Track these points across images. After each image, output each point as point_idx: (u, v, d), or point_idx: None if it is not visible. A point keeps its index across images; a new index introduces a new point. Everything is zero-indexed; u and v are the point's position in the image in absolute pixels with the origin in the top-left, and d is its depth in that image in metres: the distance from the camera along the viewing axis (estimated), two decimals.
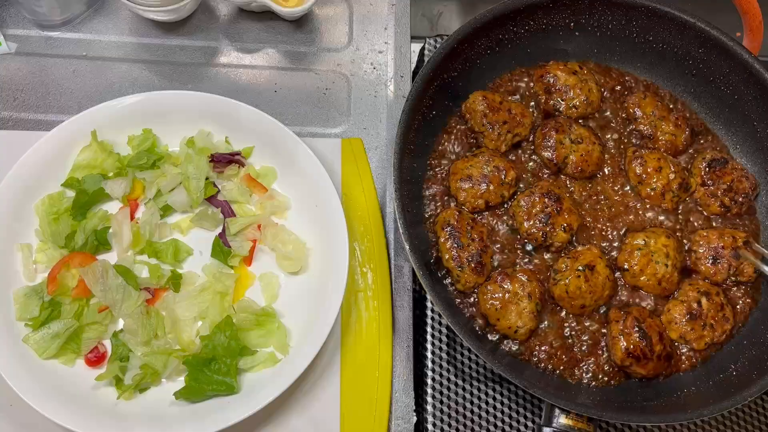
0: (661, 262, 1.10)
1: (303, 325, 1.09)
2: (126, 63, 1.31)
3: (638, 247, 1.11)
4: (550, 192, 1.12)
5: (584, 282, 1.07)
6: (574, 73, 1.21)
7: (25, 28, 1.31)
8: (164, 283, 1.10)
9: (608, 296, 1.10)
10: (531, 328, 1.06)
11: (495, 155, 1.15)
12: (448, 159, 1.18)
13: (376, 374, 1.11)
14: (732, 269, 1.13)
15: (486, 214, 1.14)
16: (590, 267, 1.08)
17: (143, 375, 1.02)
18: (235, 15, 1.38)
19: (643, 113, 1.22)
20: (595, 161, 1.18)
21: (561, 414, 0.99)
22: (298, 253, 1.14)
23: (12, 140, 1.19)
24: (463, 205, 1.13)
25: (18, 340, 1.03)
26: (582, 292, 1.07)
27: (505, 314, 1.06)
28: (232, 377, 1.03)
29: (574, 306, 1.09)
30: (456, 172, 1.14)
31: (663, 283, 1.11)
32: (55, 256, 1.09)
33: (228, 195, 1.17)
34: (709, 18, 1.20)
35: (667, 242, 1.12)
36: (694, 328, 1.09)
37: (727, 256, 1.13)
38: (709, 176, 1.18)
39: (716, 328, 1.10)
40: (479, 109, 1.16)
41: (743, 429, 1.16)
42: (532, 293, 1.07)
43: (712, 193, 1.18)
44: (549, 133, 1.16)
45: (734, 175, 1.18)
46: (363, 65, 1.37)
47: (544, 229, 1.10)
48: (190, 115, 1.19)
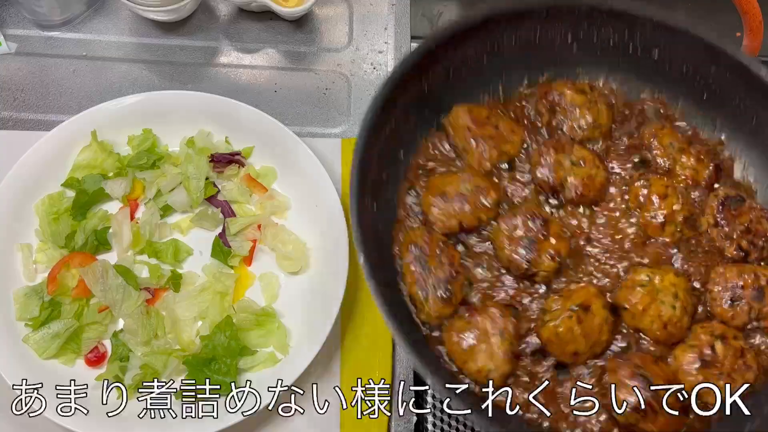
0: (667, 302, 0.97)
1: (303, 325, 1.09)
2: (126, 63, 1.31)
3: (641, 283, 0.98)
4: (535, 214, 1.00)
5: (577, 323, 0.93)
6: (583, 93, 1.10)
7: (25, 28, 1.31)
8: (164, 283, 1.10)
9: (606, 342, 0.97)
10: (504, 373, 0.93)
11: (477, 174, 1.04)
12: (426, 177, 1.07)
13: (376, 374, 1.11)
14: (754, 312, 0.98)
15: (463, 236, 1.02)
16: (585, 307, 0.95)
17: (143, 375, 1.02)
18: (235, 15, 1.38)
19: (660, 144, 1.09)
20: (598, 187, 1.05)
21: None
22: (298, 253, 1.14)
23: (12, 140, 1.19)
24: (433, 224, 1.01)
25: (18, 340, 1.03)
26: (575, 335, 0.94)
27: (473, 356, 0.92)
28: (232, 377, 1.03)
29: (566, 352, 0.95)
30: (431, 188, 1.03)
31: (670, 327, 0.96)
32: (55, 256, 1.09)
33: (228, 195, 1.17)
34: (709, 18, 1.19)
35: (676, 281, 0.98)
36: (706, 378, 0.93)
37: (747, 297, 0.98)
38: (722, 216, 1.03)
39: (735, 378, 0.93)
40: (462, 123, 1.06)
41: None
42: (504, 330, 0.93)
43: (726, 234, 1.03)
44: (547, 152, 1.05)
45: (752, 215, 1.04)
46: (363, 65, 1.37)
47: (527, 256, 0.97)
48: (190, 115, 1.19)
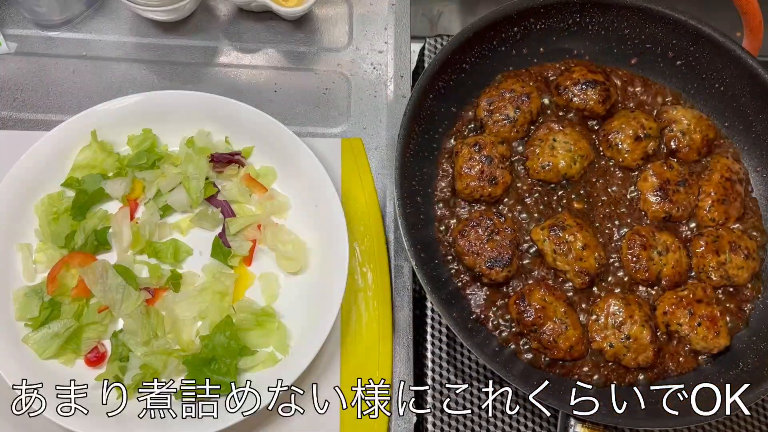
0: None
1: (303, 325, 1.09)
2: (126, 63, 1.31)
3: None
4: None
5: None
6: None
7: (25, 28, 1.31)
8: (164, 283, 1.10)
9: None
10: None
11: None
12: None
13: (376, 374, 1.11)
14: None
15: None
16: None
17: (143, 375, 1.02)
18: (235, 15, 1.38)
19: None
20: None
21: (577, 423, 0.99)
22: (298, 253, 1.14)
23: (12, 140, 1.19)
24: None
25: (18, 340, 1.03)
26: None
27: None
28: (232, 377, 1.03)
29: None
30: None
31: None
32: (55, 256, 1.09)
33: (228, 195, 1.17)
34: (709, 18, 1.20)
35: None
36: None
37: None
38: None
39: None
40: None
41: (743, 429, 1.16)
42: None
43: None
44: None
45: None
46: (363, 65, 1.37)
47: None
48: (190, 115, 1.19)
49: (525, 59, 1.26)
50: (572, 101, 1.21)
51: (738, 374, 1.07)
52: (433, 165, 1.18)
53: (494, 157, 1.14)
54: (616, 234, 1.16)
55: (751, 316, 1.14)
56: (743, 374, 1.07)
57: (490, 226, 1.10)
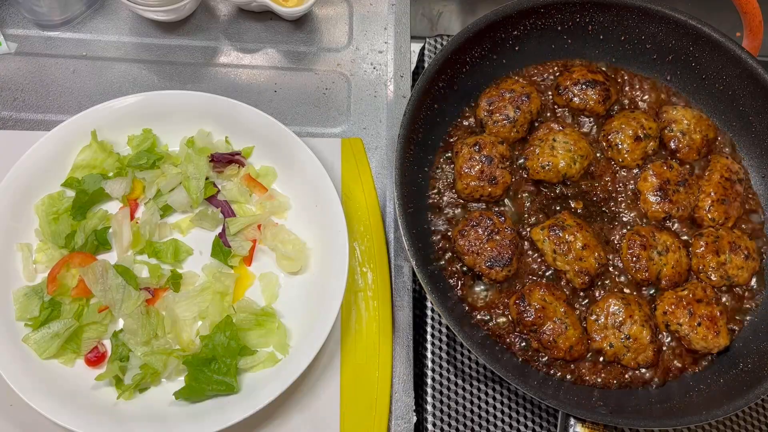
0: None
1: (303, 325, 1.09)
2: (126, 63, 1.31)
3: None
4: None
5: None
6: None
7: (24, 28, 1.31)
8: (164, 283, 1.10)
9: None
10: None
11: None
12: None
13: (376, 374, 1.11)
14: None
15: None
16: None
17: (143, 375, 1.02)
18: (235, 15, 1.38)
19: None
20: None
21: (577, 423, 0.99)
22: (298, 253, 1.14)
23: (12, 140, 1.19)
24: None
25: (18, 340, 1.03)
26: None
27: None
28: (232, 377, 1.03)
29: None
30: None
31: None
32: (55, 256, 1.09)
33: (228, 195, 1.17)
34: (709, 18, 1.20)
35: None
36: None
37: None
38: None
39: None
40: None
41: (743, 429, 1.16)
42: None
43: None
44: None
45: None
46: (363, 65, 1.37)
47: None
48: (190, 115, 1.19)
49: (525, 59, 1.26)
50: (572, 101, 1.21)
51: (738, 374, 1.07)
52: (433, 165, 1.19)
53: (494, 157, 1.14)
54: (616, 234, 1.16)
55: (751, 316, 1.14)
56: (743, 374, 1.07)
57: (490, 225, 1.10)
